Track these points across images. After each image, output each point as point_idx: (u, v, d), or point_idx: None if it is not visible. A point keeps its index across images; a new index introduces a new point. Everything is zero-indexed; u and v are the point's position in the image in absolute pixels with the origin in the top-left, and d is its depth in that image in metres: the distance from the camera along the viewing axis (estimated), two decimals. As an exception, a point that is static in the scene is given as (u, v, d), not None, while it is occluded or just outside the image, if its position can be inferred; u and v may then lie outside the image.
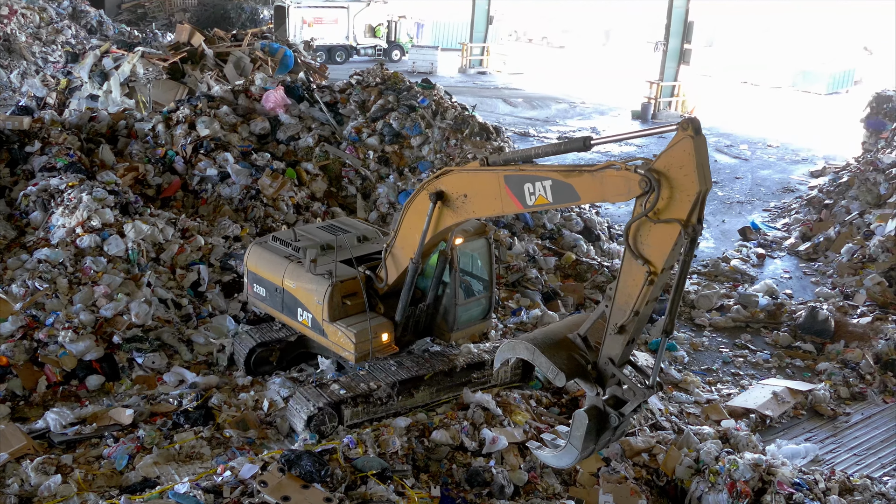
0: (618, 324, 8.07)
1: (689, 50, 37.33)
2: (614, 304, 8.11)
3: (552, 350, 8.48)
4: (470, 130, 19.61)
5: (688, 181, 7.40)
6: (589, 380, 8.46)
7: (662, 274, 7.78)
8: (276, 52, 27.69)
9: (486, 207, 9.32)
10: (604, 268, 16.56)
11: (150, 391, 11.45)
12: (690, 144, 7.33)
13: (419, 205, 9.82)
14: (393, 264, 10.52)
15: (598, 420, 8.40)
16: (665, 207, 7.54)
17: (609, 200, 8.46)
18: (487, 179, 8.96)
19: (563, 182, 8.24)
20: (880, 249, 17.77)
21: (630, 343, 8.27)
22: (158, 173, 17.22)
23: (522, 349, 8.64)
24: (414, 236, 10.01)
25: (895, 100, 28.79)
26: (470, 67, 47.48)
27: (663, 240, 7.63)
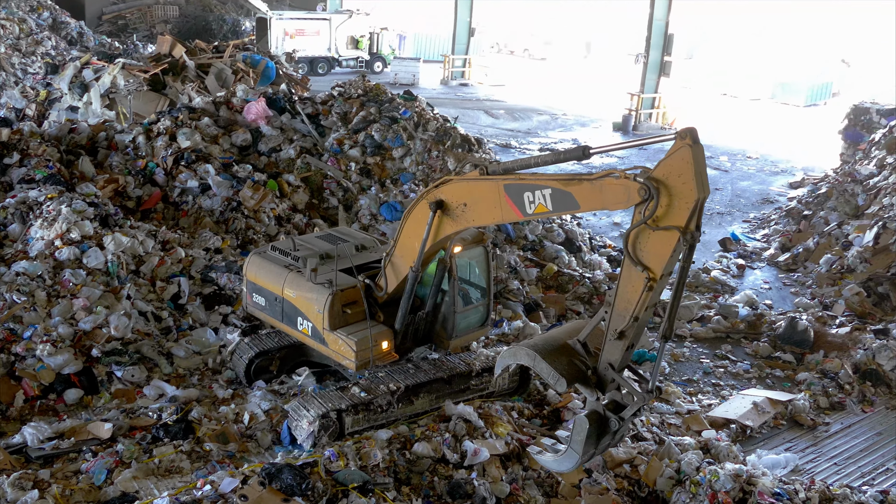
0: (617, 329, 8.19)
1: (669, 62, 37.66)
2: (614, 310, 8.22)
3: (552, 356, 8.59)
4: (452, 142, 19.65)
5: (686, 189, 7.54)
6: (589, 385, 8.55)
7: (661, 280, 7.92)
8: (258, 64, 27.69)
9: (486, 216, 9.46)
10: (585, 279, 16.61)
11: (129, 405, 11.36)
12: (689, 153, 7.47)
13: (418, 214, 9.92)
14: (392, 273, 10.59)
15: (598, 424, 8.51)
16: (664, 215, 7.67)
17: (608, 208, 8.54)
18: (487, 188, 9.07)
19: (563, 191, 8.36)
20: (858, 260, 17.92)
21: (629, 348, 8.38)
22: (139, 185, 17.14)
23: (523, 355, 8.73)
24: (413, 245, 10.09)
25: (872, 112, 29.12)
26: (452, 79, 47.62)
27: (662, 246, 7.78)
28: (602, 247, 19.75)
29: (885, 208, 19.06)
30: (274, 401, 11.39)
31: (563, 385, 8.40)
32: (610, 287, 16.43)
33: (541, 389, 11.96)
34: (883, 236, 17.93)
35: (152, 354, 12.46)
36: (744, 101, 50.05)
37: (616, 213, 23.04)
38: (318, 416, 10.06)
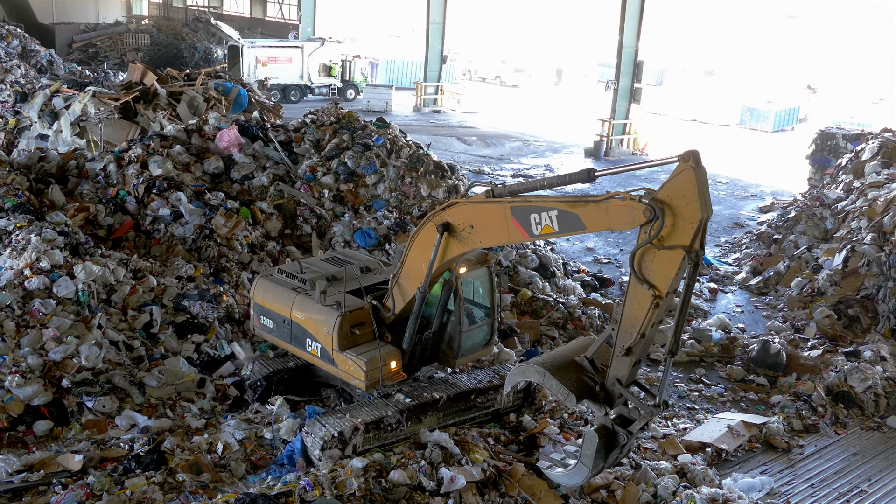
0: (624, 346, 8.37)
1: (639, 89, 38.10)
2: (621, 327, 8.40)
3: (561, 373, 8.77)
4: (425, 169, 19.69)
5: (690, 209, 7.83)
6: (597, 400, 8.72)
7: (667, 297, 8.14)
8: (230, 92, 27.65)
9: (493, 238, 9.73)
10: (559, 304, 16.64)
11: (100, 436, 11.17)
12: (692, 175, 7.82)
13: (425, 236, 10.15)
14: (399, 294, 10.79)
15: (607, 438, 8.67)
16: (669, 234, 7.95)
17: (614, 229, 8.88)
18: (493, 210, 9.31)
19: (569, 212, 8.62)
20: (828, 283, 18.13)
21: (636, 364, 8.55)
22: (110, 213, 17.00)
23: (533, 373, 8.91)
24: (420, 266, 10.29)
25: (838, 137, 29.59)
26: (424, 106, 47.82)
27: (668, 265, 8.02)
28: (576, 272, 19.82)
29: (853, 232, 19.32)
30: (248, 430, 11.26)
31: (573, 400, 8.56)
32: (585, 312, 16.48)
33: (515, 417, 11.92)
34: (852, 259, 18.16)
35: (124, 384, 12.28)
36: (713, 126, 50.68)
37: (588, 238, 23.15)
38: (352, 426, 10.27)
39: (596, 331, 16.16)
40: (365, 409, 10.81)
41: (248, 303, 12.68)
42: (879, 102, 60.98)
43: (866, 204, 19.76)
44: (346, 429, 10.29)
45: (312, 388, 12.42)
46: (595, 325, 16.29)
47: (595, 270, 20.70)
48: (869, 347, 15.49)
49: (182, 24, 61.15)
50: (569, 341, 15.50)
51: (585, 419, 11.68)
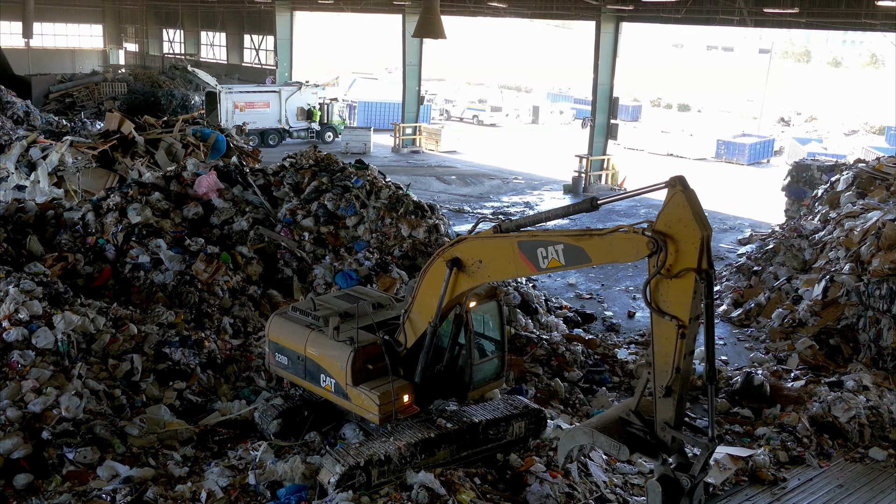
0: (663, 385, 8.31)
1: (615, 125, 38.54)
2: (655, 367, 8.38)
3: (610, 429, 8.66)
4: (405, 209, 19.76)
5: (689, 231, 8.02)
6: (650, 451, 8.61)
7: (692, 325, 8.15)
8: (209, 138, 27.73)
9: (501, 272, 10.04)
10: (542, 341, 16.63)
11: (81, 487, 10.98)
12: (683, 198, 8.09)
13: (435, 272, 10.45)
14: (411, 328, 11.04)
15: (670, 487, 8.49)
16: (675, 261, 8.07)
17: (618, 261, 9.12)
18: (501, 246, 9.61)
19: (575, 246, 8.88)
20: (809, 313, 18.24)
21: (680, 402, 8.43)
22: (89, 262, 16.92)
23: (581, 435, 8.81)
24: (430, 302, 10.57)
25: (813, 168, 30.01)
26: (403, 147, 48.10)
27: (682, 291, 8.09)
28: (558, 308, 19.86)
29: (832, 262, 19.50)
30: (231, 476, 11.12)
31: (626, 452, 8.47)
32: (568, 349, 16.48)
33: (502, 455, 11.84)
34: (831, 289, 18.30)
35: (105, 434, 12.10)
36: (689, 160, 51.23)
37: (570, 274, 23.24)
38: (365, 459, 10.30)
39: (580, 367, 16.15)
40: (396, 435, 10.92)
41: (230, 346, 12.60)
42: (852, 134, 61.98)
43: (843, 234, 19.97)
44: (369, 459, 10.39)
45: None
46: (579, 360, 16.27)
47: (577, 306, 20.76)
48: (851, 377, 15.55)
49: (159, 71, 61.34)
50: (553, 378, 15.49)
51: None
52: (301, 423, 12.33)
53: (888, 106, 51.74)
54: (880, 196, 21.73)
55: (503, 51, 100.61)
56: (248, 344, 15.36)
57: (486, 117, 65.99)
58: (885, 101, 56.47)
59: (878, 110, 63.65)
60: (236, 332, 15.94)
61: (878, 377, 15.80)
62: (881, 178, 23.02)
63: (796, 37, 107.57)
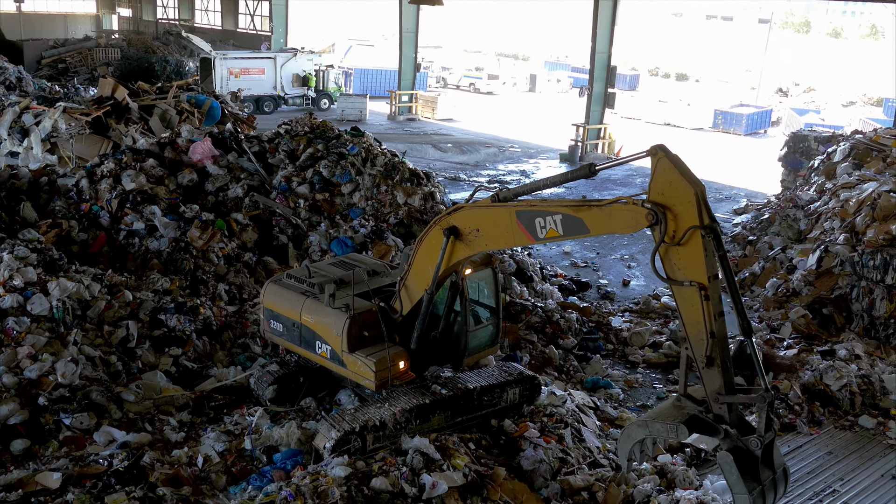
0: (703, 355, 8.17)
1: (613, 94, 38.37)
2: (690, 339, 8.25)
3: (664, 416, 8.50)
4: (400, 176, 19.72)
5: (682, 191, 8.03)
6: (710, 427, 8.39)
7: (712, 284, 8.03)
8: (203, 104, 27.57)
9: (499, 241, 10.07)
10: (537, 308, 16.67)
11: (78, 453, 11.05)
12: (667, 162, 8.12)
13: (432, 240, 10.42)
14: (407, 296, 11.05)
15: (741, 455, 8.25)
16: (677, 225, 8.05)
17: (617, 232, 8.92)
18: (499, 215, 9.58)
19: (573, 216, 8.83)
20: (803, 283, 18.29)
21: (725, 368, 8.25)
22: (83, 229, 16.87)
23: (636, 430, 8.60)
24: (427, 269, 10.57)
25: (810, 139, 29.96)
26: (399, 115, 47.87)
27: (693, 253, 8.04)
28: (553, 276, 19.90)
29: (826, 232, 19.51)
30: (228, 441, 11.20)
31: (685, 432, 8.24)
32: (563, 316, 16.53)
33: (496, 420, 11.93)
34: (825, 259, 18.34)
35: (101, 400, 12.16)
36: (687, 130, 51.12)
37: (566, 243, 23.24)
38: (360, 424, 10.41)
39: (574, 334, 16.22)
40: (390, 401, 11.01)
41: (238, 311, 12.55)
42: (850, 105, 61.83)
43: (839, 205, 19.97)
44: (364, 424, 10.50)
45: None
46: (573, 328, 16.34)
47: (572, 274, 20.79)
48: (843, 346, 15.64)
49: (153, 37, 60.88)
50: (547, 345, 15.56)
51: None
52: (296, 389, 12.40)
53: (887, 77, 51.64)
54: (876, 167, 21.71)
55: (500, 18, 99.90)
56: (244, 311, 15.38)
57: (482, 85, 65.66)
58: (884, 72, 56.36)
59: (876, 82, 63.47)
60: (231, 298, 15.96)
61: (870, 346, 15.91)
62: (878, 149, 22.98)
63: (796, 7, 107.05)
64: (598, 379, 14.82)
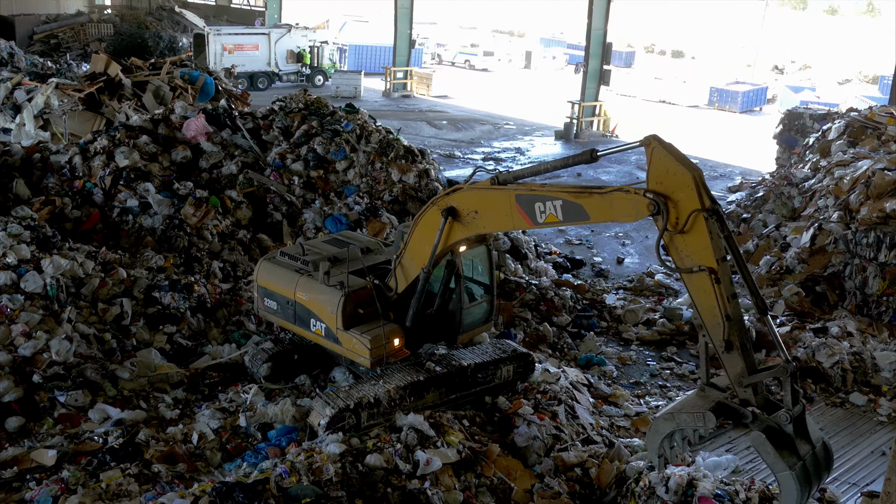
0: (722, 340, 8.04)
1: (608, 71, 38.22)
2: (706, 326, 8.11)
3: (690, 406, 8.35)
4: (395, 153, 19.67)
5: (680, 177, 8.00)
6: (737, 413, 8.27)
7: (721, 266, 7.95)
8: (197, 80, 27.42)
9: (497, 223, 10.03)
10: (532, 286, 16.71)
11: (73, 430, 11.09)
12: (661, 150, 8.10)
13: (429, 219, 10.39)
14: (402, 274, 11.06)
15: (774, 433, 8.12)
16: (679, 212, 8.01)
17: (618, 220, 8.87)
18: (498, 197, 9.52)
19: (574, 203, 8.77)
20: (796, 261, 18.33)
21: (745, 350, 8.13)
22: (76, 206, 16.82)
23: (662, 424, 8.41)
24: (423, 248, 10.56)
25: (805, 117, 29.89)
26: (394, 91, 47.66)
27: (698, 238, 7.99)
28: (548, 254, 19.92)
29: (820, 210, 19.53)
30: (222, 419, 11.24)
31: (713, 418, 8.08)
32: (557, 294, 16.56)
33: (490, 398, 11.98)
34: (819, 237, 18.37)
35: (96, 377, 12.18)
36: (682, 107, 51.00)
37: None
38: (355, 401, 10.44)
39: (568, 311, 16.26)
40: (385, 378, 11.08)
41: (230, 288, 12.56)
42: (845, 83, 61.72)
43: (833, 182, 19.98)
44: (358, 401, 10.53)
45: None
46: (567, 305, 16.38)
47: (567, 252, 20.82)
48: (836, 323, 15.71)
49: (146, 12, 60.23)
50: (542, 322, 15.61)
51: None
52: (291, 366, 12.43)
53: (883, 55, 51.46)
54: (871, 145, 21.71)
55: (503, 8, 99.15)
56: (238, 288, 15.39)
57: (478, 62, 65.31)
58: (880, 50, 56.16)
59: (872, 59, 63.28)
60: (226, 276, 15.96)
61: (862, 324, 15.98)
62: (873, 127, 22.96)
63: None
64: (592, 356, 14.89)
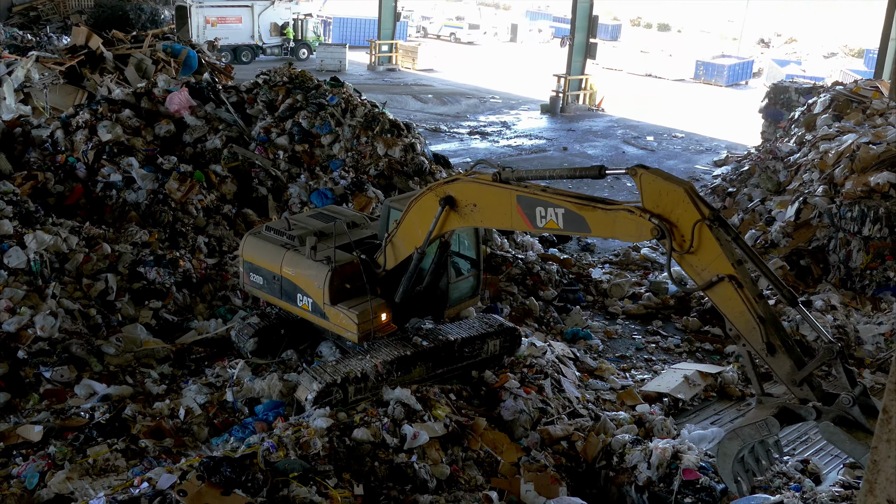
0: (762, 343, 7.87)
1: (594, 44, 38.11)
2: (743, 335, 7.96)
3: (751, 420, 8.17)
4: (380, 127, 19.56)
5: (672, 194, 7.97)
6: (797, 414, 8.02)
7: (739, 269, 7.81)
8: (179, 53, 27.14)
9: (495, 220, 9.94)
10: (518, 260, 16.73)
11: (59, 405, 11.06)
12: (648, 175, 8.11)
13: (425, 204, 10.33)
14: (392, 252, 11.02)
15: (843, 420, 7.78)
16: (682, 228, 7.95)
17: (619, 238, 8.87)
18: (499, 195, 9.40)
19: (577, 214, 8.68)
20: (781, 235, 18.40)
21: (788, 348, 7.94)
22: (59, 181, 16.66)
23: (728, 444, 8.18)
24: (416, 231, 10.53)
25: (791, 91, 29.94)
26: (379, 65, 47.37)
27: (709, 248, 7.86)
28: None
29: (805, 184, 19.60)
30: (209, 394, 11.24)
31: (776, 424, 7.85)
32: (543, 268, 16.58)
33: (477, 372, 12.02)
34: (804, 211, 18.44)
35: (81, 353, 12.14)
36: (668, 81, 50.94)
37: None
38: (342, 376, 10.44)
39: (554, 286, 16.30)
40: (372, 353, 11.06)
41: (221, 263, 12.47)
42: (831, 56, 61.75)
43: (818, 156, 20.03)
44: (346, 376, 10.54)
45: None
46: (553, 279, 16.41)
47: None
48: (820, 297, 15.82)
49: (127, -16, 59.44)
50: (528, 296, 15.64)
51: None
52: (277, 341, 12.42)
53: (868, 29, 51.47)
54: (856, 119, 21.76)
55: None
56: (224, 263, 15.33)
57: (463, 35, 64.97)
58: (866, 23, 56.15)
59: (858, 33, 63.33)
60: (211, 251, 15.89)
61: (846, 297, 16.09)
62: (858, 101, 23.01)
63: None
64: (578, 330, 14.94)
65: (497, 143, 31.35)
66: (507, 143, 31.27)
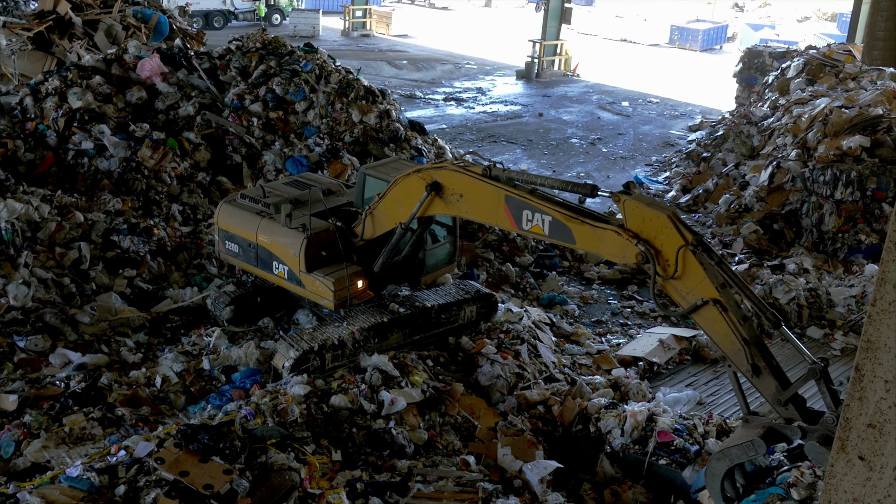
0: (748, 364, 7.88)
1: (569, 9, 37.95)
2: (729, 356, 8.01)
3: (737, 440, 8.14)
4: (355, 94, 19.41)
5: (655, 221, 8.00)
6: (783, 434, 7.98)
7: (723, 293, 7.83)
8: (150, 19, 26.67)
9: (480, 214, 9.81)
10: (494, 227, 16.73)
11: (34, 374, 11.00)
12: (631, 202, 8.18)
13: (410, 185, 10.22)
14: (372, 224, 10.96)
15: (828, 440, 7.55)
16: (667, 254, 7.97)
17: (603, 256, 8.93)
18: (487, 191, 9.35)
19: (564, 224, 8.73)
20: (755, 199, 18.56)
21: (774, 368, 7.95)
22: (29, 149, 16.42)
23: (717, 465, 8.15)
24: (398, 209, 10.47)
25: (765, 55, 30.02)
26: (353, 31, 46.92)
27: (692, 273, 7.90)
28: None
29: (779, 148, 19.74)
30: (186, 362, 11.22)
31: (762, 445, 7.81)
32: (542, 246, 16.62)
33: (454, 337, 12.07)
34: (777, 175, 18.60)
35: (56, 322, 12.06)
36: (643, 46, 50.87)
37: (522, 160, 23.23)
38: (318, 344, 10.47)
39: (531, 252, 16.36)
40: (348, 321, 11.08)
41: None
42: (804, 20, 61.87)
43: (791, 121, 20.16)
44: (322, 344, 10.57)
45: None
46: (530, 245, 16.46)
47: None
48: (793, 260, 16.00)
49: (95, -52, 58.30)
50: (504, 263, 15.69)
51: None
52: (254, 309, 12.40)
53: (841, -8, 51.57)
54: (829, 83, 21.90)
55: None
56: (199, 231, 15.22)
57: (438, 0, 64.38)
58: (839, -14, 56.22)
59: (831, -4, 63.44)
60: (186, 219, 15.76)
61: (818, 260, 16.28)
62: (831, 65, 23.14)
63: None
64: (554, 296, 15.03)
65: (472, 109, 31.24)
66: (483, 110, 31.19)
